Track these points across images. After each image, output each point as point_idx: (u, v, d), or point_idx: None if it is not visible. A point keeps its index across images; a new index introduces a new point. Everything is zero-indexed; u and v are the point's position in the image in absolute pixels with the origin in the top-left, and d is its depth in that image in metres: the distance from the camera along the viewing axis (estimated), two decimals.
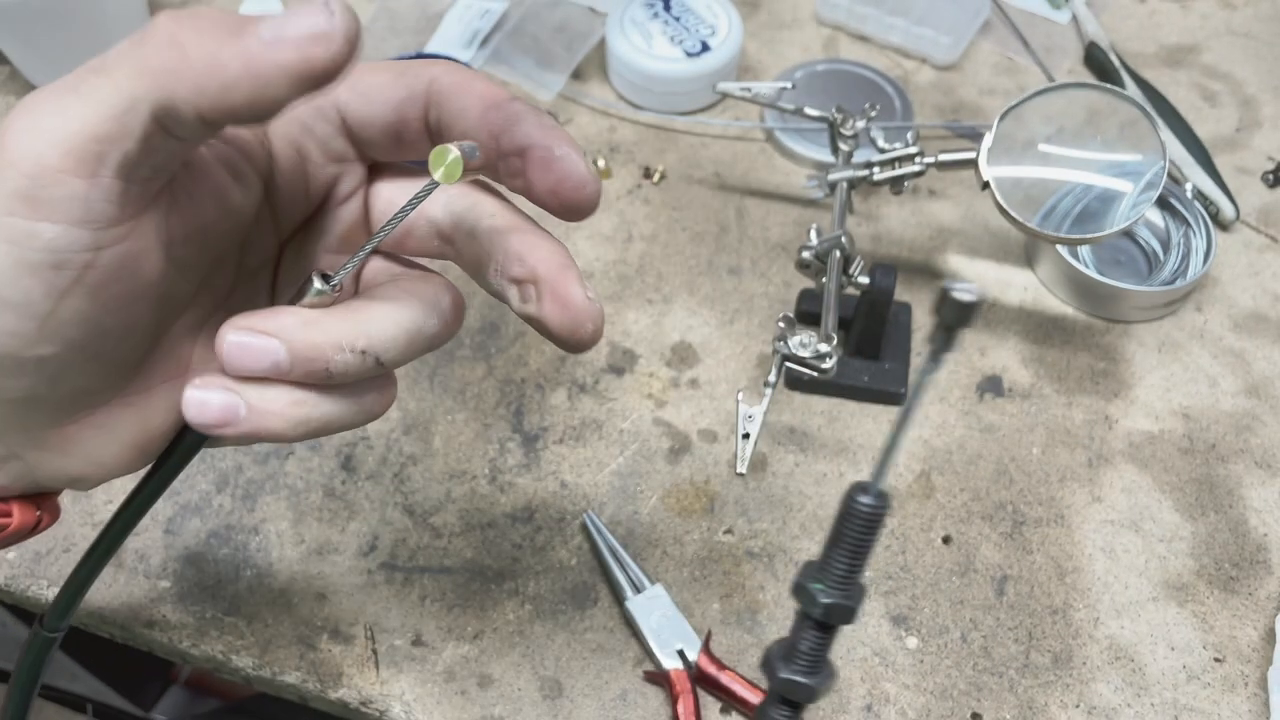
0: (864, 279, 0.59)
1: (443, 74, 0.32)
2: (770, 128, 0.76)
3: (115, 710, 1.01)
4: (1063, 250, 0.66)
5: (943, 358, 0.23)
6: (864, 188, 0.66)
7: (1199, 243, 0.68)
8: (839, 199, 0.63)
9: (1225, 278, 0.69)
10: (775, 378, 0.54)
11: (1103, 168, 0.60)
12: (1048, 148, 0.60)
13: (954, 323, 0.22)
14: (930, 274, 0.69)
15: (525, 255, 0.32)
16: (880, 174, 0.64)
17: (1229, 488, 0.60)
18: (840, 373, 0.60)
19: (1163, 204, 0.70)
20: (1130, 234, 0.70)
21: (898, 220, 0.72)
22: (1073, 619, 0.55)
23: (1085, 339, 0.66)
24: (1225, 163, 0.75)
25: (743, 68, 0.82)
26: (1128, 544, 0.58)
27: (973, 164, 0.60)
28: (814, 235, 0.60)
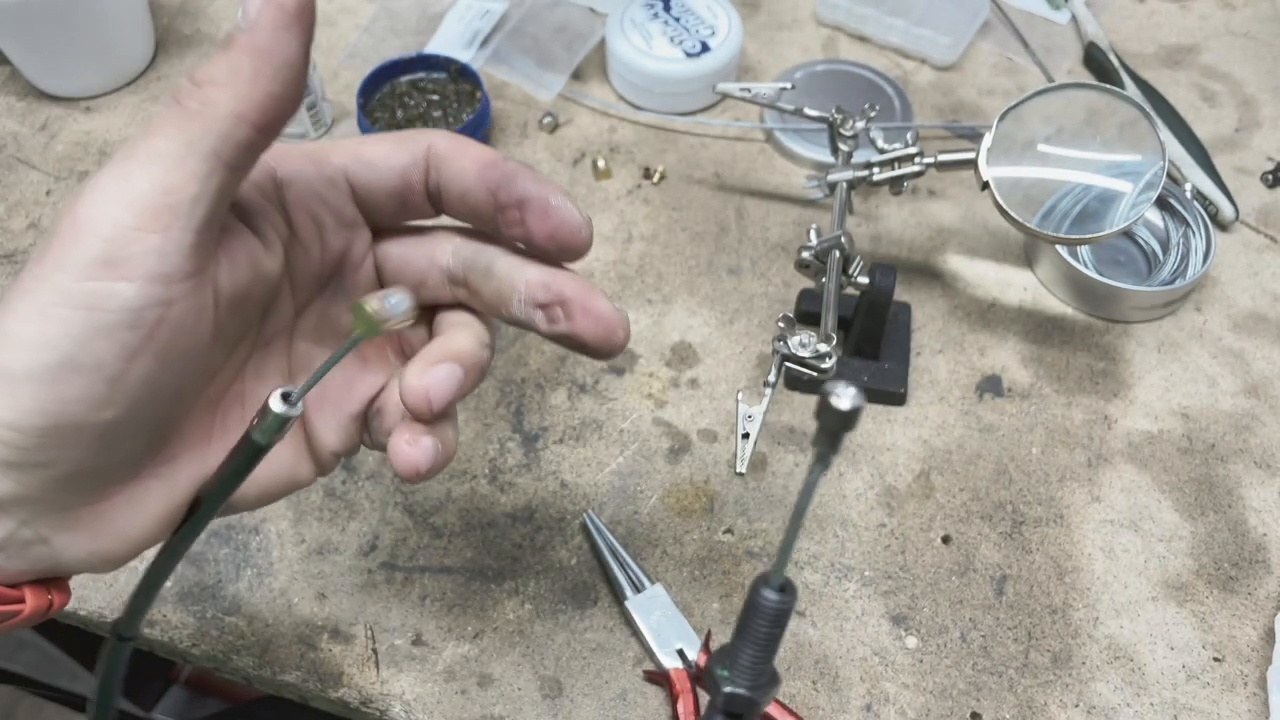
0: (864, 279, 0.59)
1: (439, 140, 0.35)
2: (770, 128, 0.76)
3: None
4: (1062, 250, 0.66)
5: (830, 459, 0.23)
6: (864, 188, 0.66)
7: (1198, 243, 0.68)
8: (838, 199, 0.63)
9: (1224, 278, 0.69)
10: (775, 378, 0.54)
11: (1102, 168, 0.60)
12: (1047, 148, 0.60)
13: (835, 428, 0.22)
14: (930, 274, 0.69)
15: (549, 282, 0.36)
16: (880, 174, 0.64)
17: (1228, 487, 0.60)
18: (840, 373, 0.60)
19: (1162, 204, 0.70)
20: (1129, 234, 0.70)
21: (897, 220, 0.72)
22: (1072, 619, 0.55)
23: (1085, 339, 0.66)
24: (1224, 163, 0.75)
25: (742, 68, 0.82)
26: (1127, 544, 0.58)
27: (972, 164, 0.61)
28: (814, 235, 0.60)
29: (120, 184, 0.27)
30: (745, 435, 0.61)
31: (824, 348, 0.54)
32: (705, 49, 0.77)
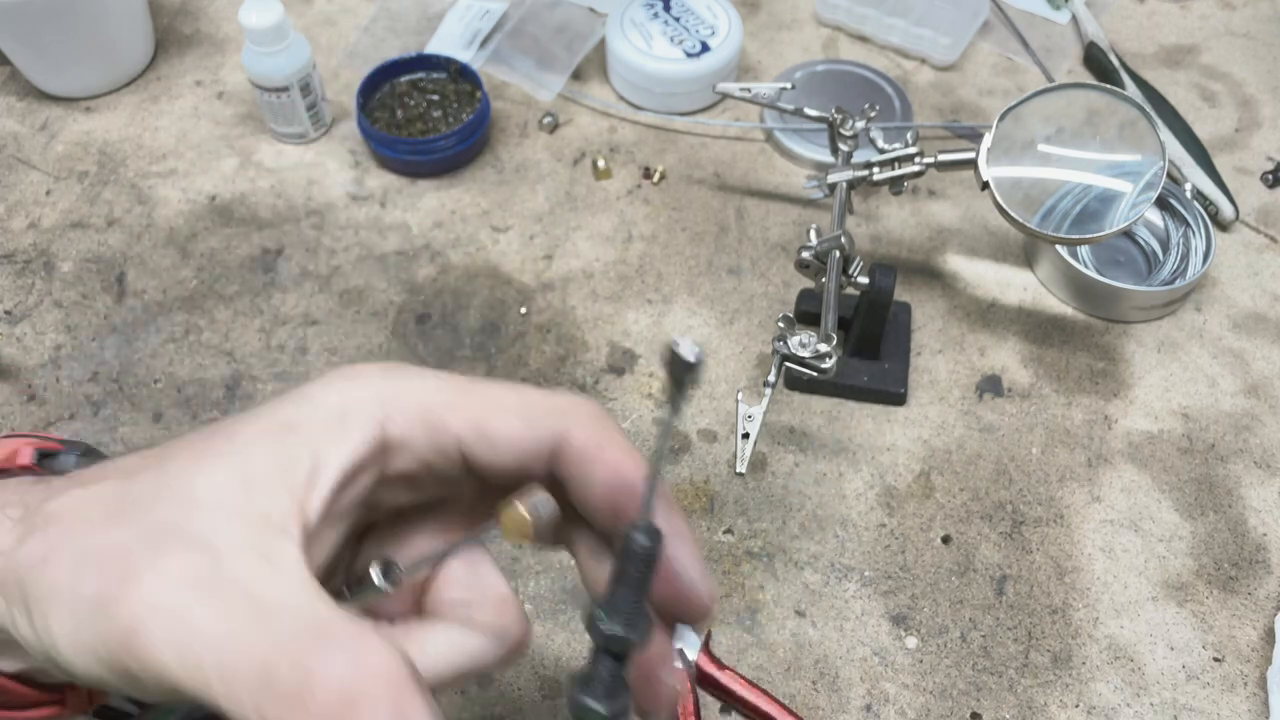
0: (863, 279, 0.59)
1: (578, 431, 0.29)
2: (770, 128, 0.76)
3: (114, 710, 1.01)
4: (1062, 250, 0.66)
5: (680, 408, 0.24)
6: (863, 188, 0.66)
7: (1198, 243, 0.68)
8: (838, 199, 0.63)
9: (1224, 278, 0.69)
10: (775, 378, 0.54)
11: (1102, 168, 0.60)
12: (1047, 148, 0.60)
13: (681, 378, 0.23)
14: (930, 274, 0.69)
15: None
16: (880, 174, 0.64)
17: (1228, 487, 0.60)
18: (840, 373, 0.60)
19: (1162, 204, 0.70)
20: (1129, 234, 0.70)
21: (897, 220, 0.72)
22: (1072, 619, 0.55)
23: (1085, 339, 0.66)
24: (1224, 163, 0.75)
25: (742, 68, 0.82)
26: (1127, 544, 0.58)
27: (972, 164, 0.61)
28: (814, 235, 0.60)
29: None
30: (745, 435, 0.61)
31: (824, 348, 0.54)
32: (705, 49, 0.77)
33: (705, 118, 0.79)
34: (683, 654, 0.31)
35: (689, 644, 0.31)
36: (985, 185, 0.59)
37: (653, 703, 0.29)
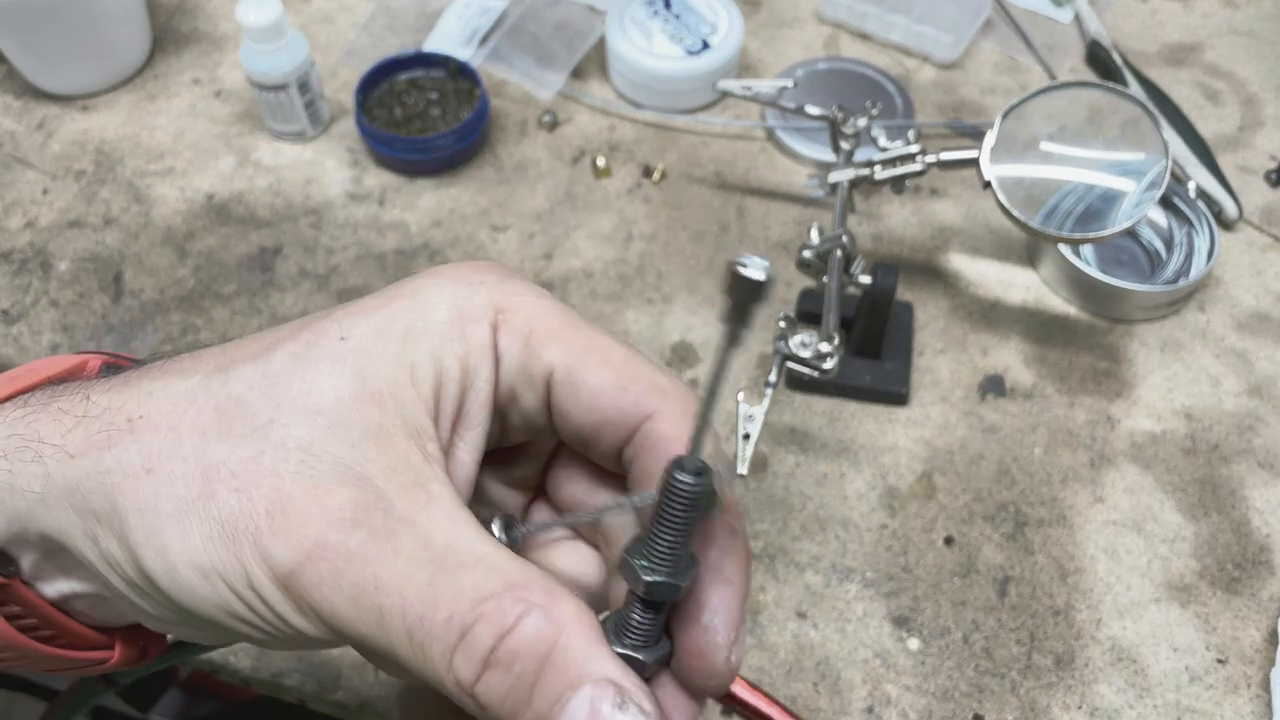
0: (865, 278, 0.59)
1: (667, 418, 0.26)
2: (771, 126, 0.76)
3: (113, 712, 1.01)
4: (1065, 250, 0.66)
5: (742, 335, 0.21)
6: (865, 187, 0.66)
7: (1202, 242, 0.67)
8: (840, 198, 0.63)
9: (1228, 277, 0.69)
10: (776, 378, 0.53)
11: (1105, 167, 0.60)
12: (1050, 147, 0.60)
13: (745, 300, 0.20)
14: (932, 273, 0.69)
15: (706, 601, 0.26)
16: (881, 173, 0.63)
17: (1231, 488, 0.60)
18: (841, 373, 0.59)
19: (1165, 203, 0.69)
20: (1133, 233, 0.70)
21: (899, 219, 0.72)
22: (1075, 620, 0.55)
23: (1087, 339, 0.66)
24: (1228, 162, 0.75)
25: (743, 66, 0.82)
26: (1130, 545, 0.57)
27: (974, 163, 0.60)
28: (815, 234, 0.59)
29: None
30: (746, 436, 0.60)
31: (825, 348, 0.53)
32: (706, 47, 0.77)
33: (706, 116, 0.78)
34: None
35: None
36: (988, 184, 0.59)
37: (701, 675, 0.26)
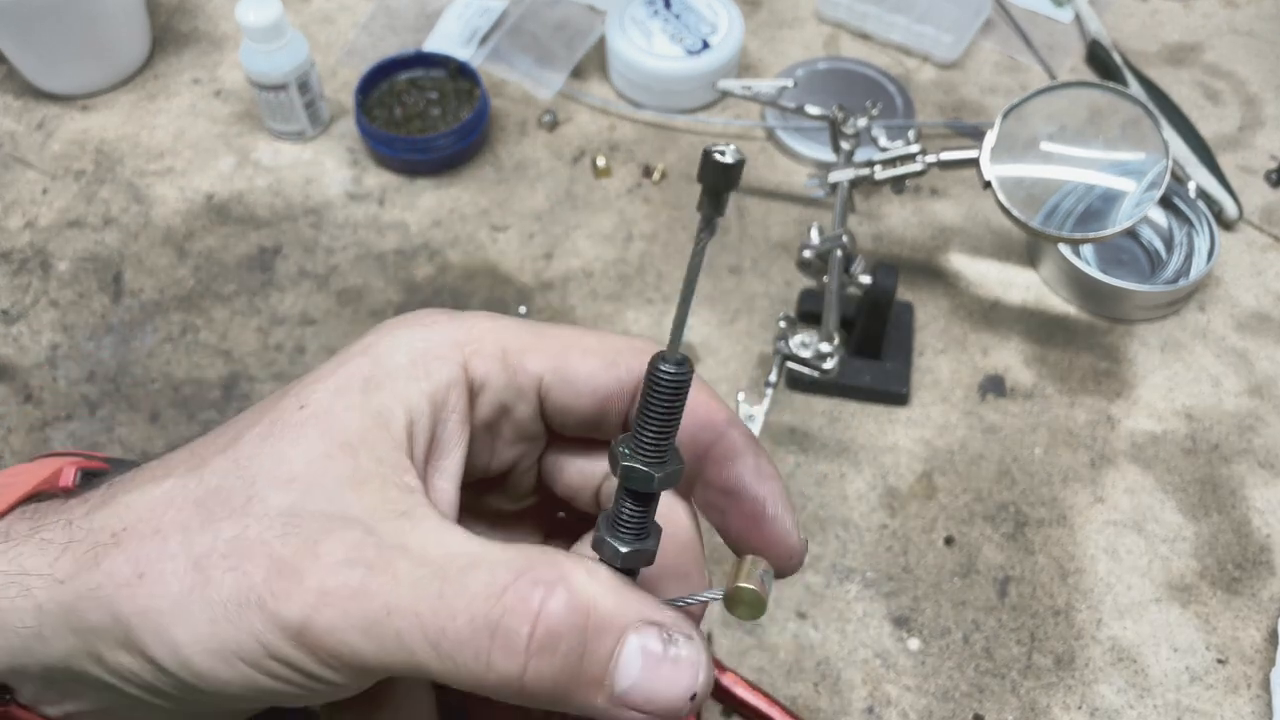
0: (865, 278, 0.59)
1: None
2: (771, 126, 0.76)
3: None
4: (1065, 250, 0.66)
5: (715, 224, 0.22)
6: (865, 187, 0.66)
7: (1202, 242, 0.67)
8: (840, 198, 0.63)
9: (1228, 277, 0.69)
10: (776, 378, 0.53)
11: (1105, 167, 0.60)
12: (1050, 146, 0.60)
13: (717, 186, 0.21)
14: (932, 273, 0.69)
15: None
16: (882, 173, 0.63)
17: (1232, 488, 0.60)
18: (841, 373, 0.59)
19: (1165, 203, 0.69)
20: (1133, 233, 0.70)
21: (899, 219, 0.72)
22: (1075, 620, 0.55)
23: (1088, 339, 0.66)
24: (1228, 161, 0.75)
25: (743, 66, 0.82)
26: (1130, 545, 0.57)
27: (975, 163, 0.60)
28: (815, 234, 0.59)
29: None
30: None
31: (826, 347, 0.53)
32: (706, 47, 0.77)
33: (706, 116, 0.78)
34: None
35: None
36: (988, 184, 0.59)
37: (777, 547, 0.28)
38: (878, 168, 0.63)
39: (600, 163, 0.74)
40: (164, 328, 0.66)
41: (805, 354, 0.53)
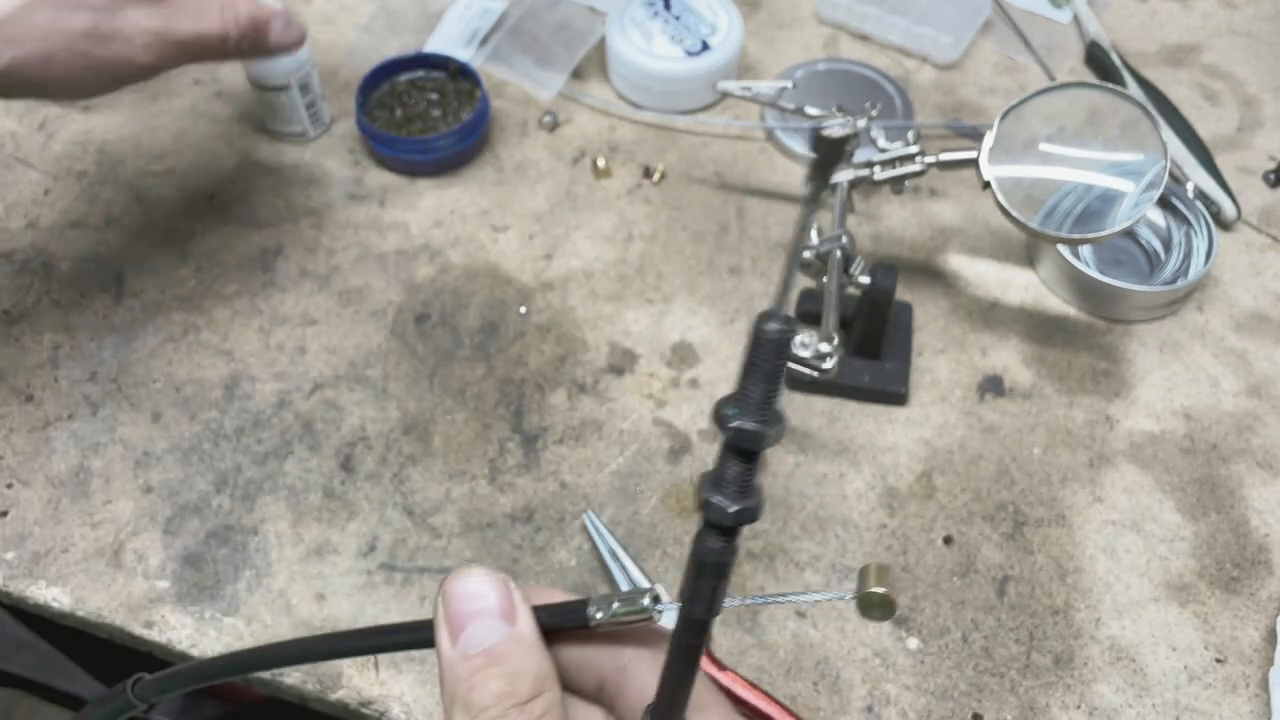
0: (865, 279, 0.59)
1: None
2: (771, 127, 0.76)
3: None
4: (1064, 250, 0.66)
5: (819, 195, 0.24)
6: (864, 187, 0.66)
7: (1200, 242, 0.68)
8: (839, 198, 0.63)
9: (1227, 278, 0.69)
10: None
11: (1104, 167, 0.60)
12: (1049, 147, 0.60)
13: (827, 158, 0.23)
14: (932, 273, 0.69)
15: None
16: (881, 173, 0.64)
17: (1230, 488, 0.60)
18: (841, 373, 0.59)
19: (1164, 204, 0.70)
20: (1131, 234, 0.70)
21: (898, 220, 0.72)
22: (1074, 619, 0.55)
23: (1086, 339, 0.66)
24: (1227, 162, 0.75)
25: (743, 67, 0.82)
26: (1129, 544, 0.58)
27: (974, 163, 0.60)
28: (814, 235, 0.60)
29: None
30: None
31: (825, 347, 0.53)
32: (706, 48, 0.77)
33: (706, 117, 0.79)
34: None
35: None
36: (987, 184, 0.59)
37: None
38: (877, 168, 0.64)
39: (600, 163, 0.74)
40: (165, 328, 0.66)
41: (804, 354, 0.53)
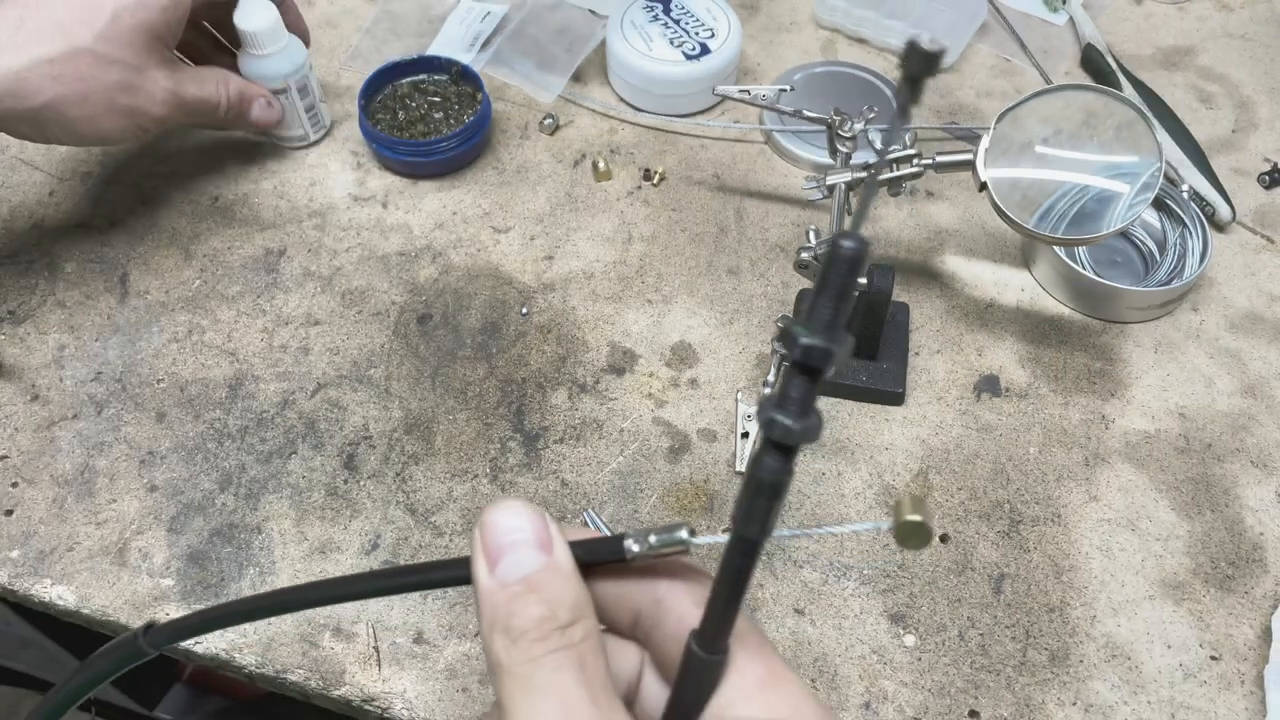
0: (862, 280, 0.59)
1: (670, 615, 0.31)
2: (769, 130, 0.77)
3: (118, 708, 1.01)
4: (1059, 251, 0.67)
5: (911, 111, 0.23)
6: (862, 189, 0.66)
7: (1195, 243, 0.68)
8: (837, 200, 0.64)
9: (1221, 278, 0.70)
10: (774, 378, 0.54)
11: (1099, 169, 0.60)
12: (1045, 149, 0.61)
13: (919, 72, 0.22)
14: (928, 274, 0.70)
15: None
16: (879, 175, 0.64)
17: (1225, 487, 0.60)
18: (838, 373, 0.60)
19: (1159, 205, 0.70)
20: (1127, 235, 0.70)
21: (895, 221, 0.73)
22: (1070, 617, 0.55)
23: (1082, 339, 0.67)
24: (1221, 164, 0.75)
25: (742, 70, 0.82)
26: (1124, 543, 0.58)
27: (970, 165, 0.61)
28: (812, 236, 0.60)
29: None
30: (745, 435, 0.61)
31: None
32: (705, 51, 0.77)
33: (705, 119, 0.79)
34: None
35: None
36: (983, 186, 0.60)
37: None
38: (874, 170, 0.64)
39: (601, 165, 0.75)
40: (170, 328, 0.66)
41: None
